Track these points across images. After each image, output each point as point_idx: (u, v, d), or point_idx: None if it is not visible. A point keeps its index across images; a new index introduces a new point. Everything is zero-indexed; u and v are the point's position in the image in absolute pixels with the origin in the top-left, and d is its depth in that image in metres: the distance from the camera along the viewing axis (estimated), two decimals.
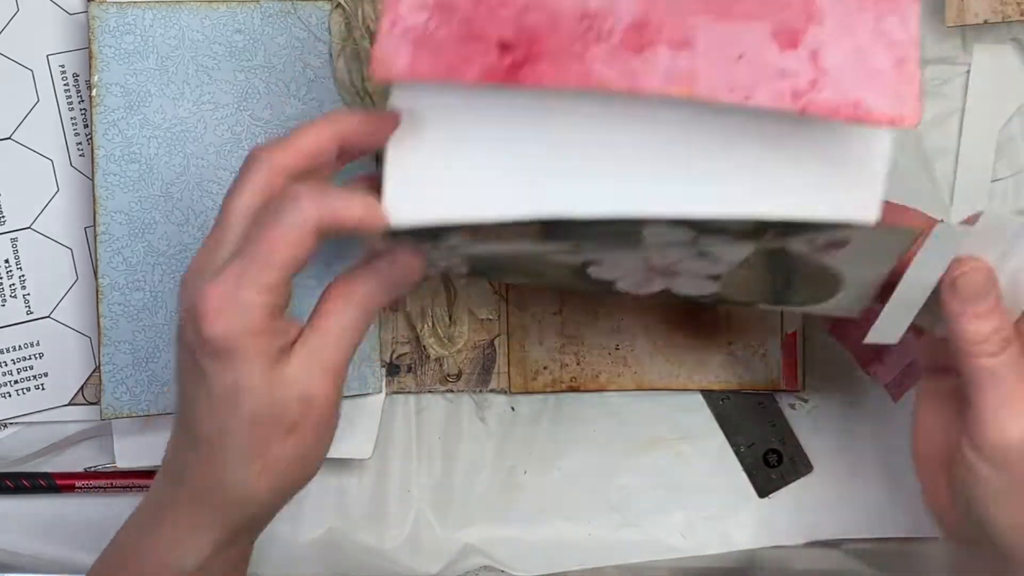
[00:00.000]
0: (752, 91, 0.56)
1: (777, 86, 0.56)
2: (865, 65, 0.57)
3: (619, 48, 0.56)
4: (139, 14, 0.78)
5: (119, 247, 0.78)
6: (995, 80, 0.81)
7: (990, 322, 0.62)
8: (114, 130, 0.78)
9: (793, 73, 0.56)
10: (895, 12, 0.57)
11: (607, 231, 0.59)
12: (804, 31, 0.57)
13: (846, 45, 0.57)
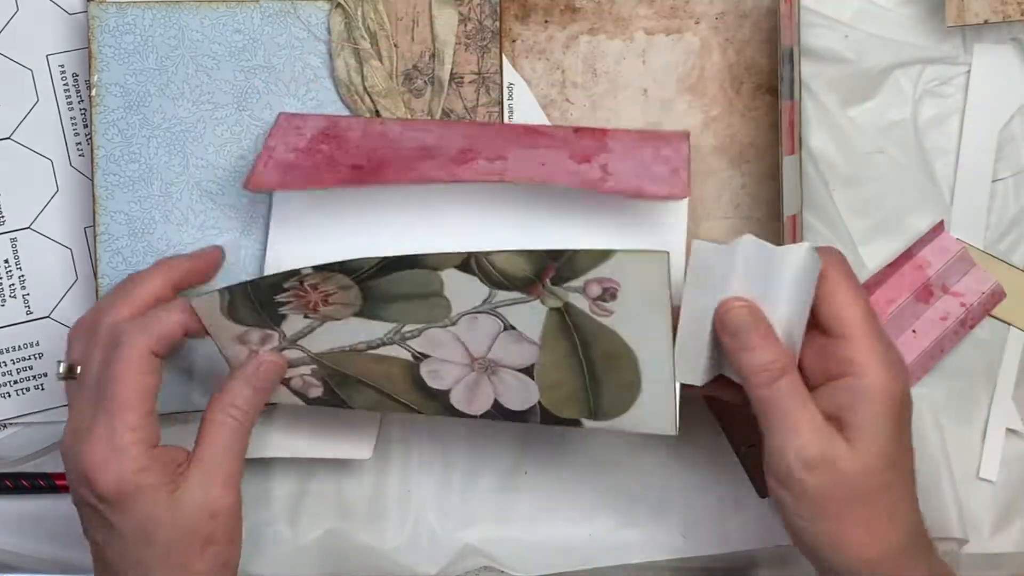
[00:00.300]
0: (549, 179, 0.69)
1: (573, 179, 0.69)
2: (647, 173, 0.71)
3: (447, 162, 0.71)
4: (139, 14, 0.78)
5: (119, 247, 0.78)
6: (995, 80, 0.81)
7: (761, 355, 0.65)
8: (114, 130, 0.78)
9: (587, 172, 0.70)
10: (668, 146, 0.72)
11: (413, 281, 0.68)
12: (597, 155, 0.71)
13: (631, 161, 0.71)
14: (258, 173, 0.74)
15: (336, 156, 0.74)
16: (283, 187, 0.74)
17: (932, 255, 0.80)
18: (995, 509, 0.81)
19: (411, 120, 0.75)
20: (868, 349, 0.65)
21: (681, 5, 0.79)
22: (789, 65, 0.75)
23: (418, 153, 0.72)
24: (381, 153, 0.73)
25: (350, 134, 0.75)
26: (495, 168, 0.70)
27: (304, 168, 0.74)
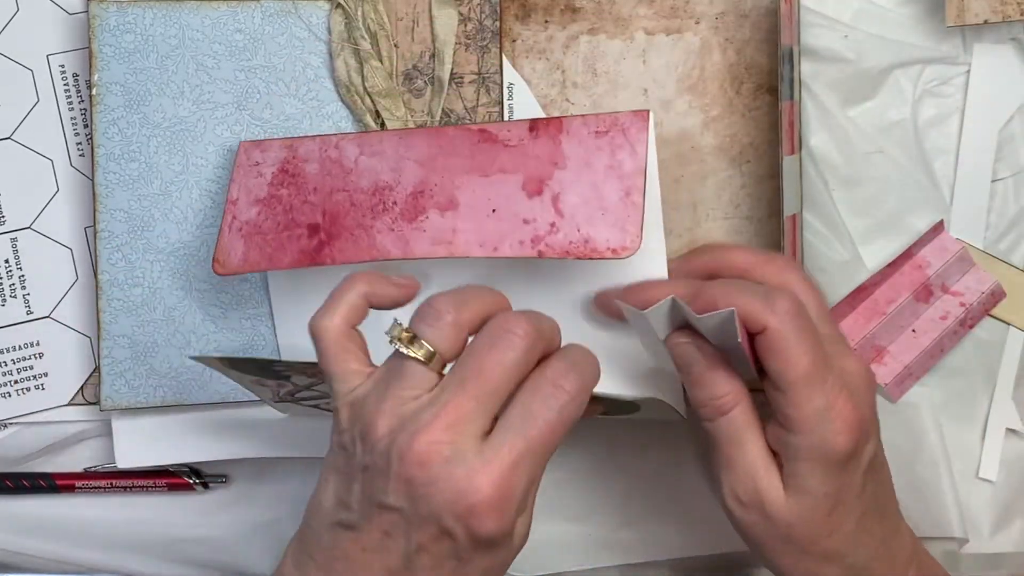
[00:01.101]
0: (499, 244, 0.68)
1: (520, 235, 0.68)
2: (597, 201, 0.68)
3: (399, 218, 0.70)
4: (139, 13, 0.78)
5: (119, 244, 0.78)
6: (995, 80, 0.81)
7: (705, 390, 0.66)
8: (114, 129, 0.78)
9: (535, 220, 0.68)
10: (625, 146, 0.69)
11: None
12: (550, 176, 0.69)
13: (584, 182, 0.69)
14: (222, 247, 0.74)
15: (294, 208, 0.73)
16: (248, 267, 0.73)
17: (932, 255, 0.80)
18: (995, 509, 0.81)
19: (367, 135, 0.74)
20: (803, 406, 0.64)
21: (681, 5, 0.79)
22: (789, 65, 0.75)
23: (372, 199, 0.72)
24: (336, 199, 0.72)
25: (308, 168, 0.74)
26: (446, 229, 0.69)
27: (265, 235, 0.73)
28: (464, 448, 0.60)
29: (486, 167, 0.70)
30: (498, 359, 0.61)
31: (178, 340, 0.78)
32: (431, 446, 0.59)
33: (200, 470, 0.83)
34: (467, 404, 0.60)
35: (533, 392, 0.61)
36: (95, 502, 0.84)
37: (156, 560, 0.85)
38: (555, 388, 0.61)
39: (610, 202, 0.68)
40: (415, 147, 0.72)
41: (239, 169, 0.76)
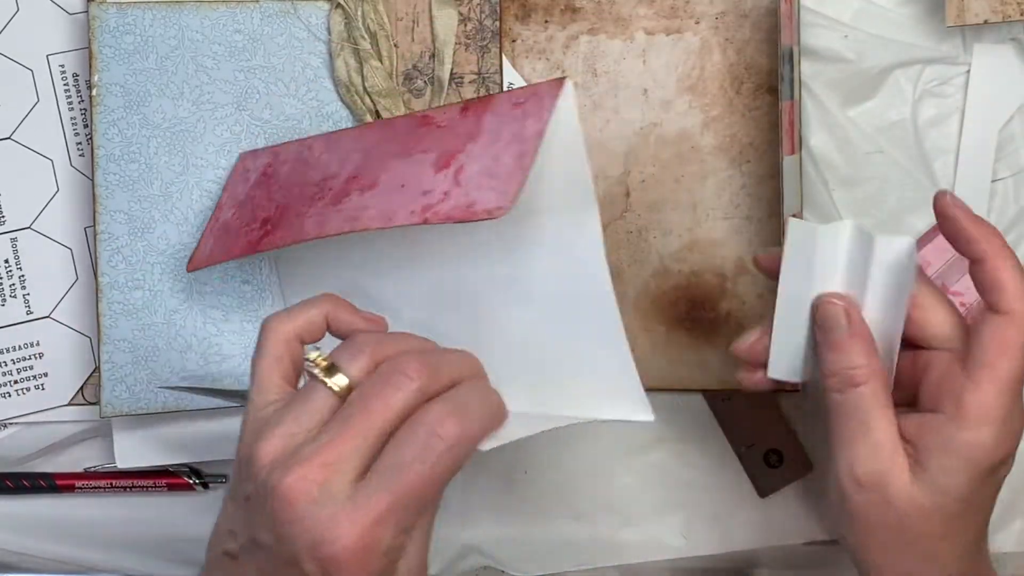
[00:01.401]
0: (393, 216, 0.67)
1: (413, 206, 0.66)
2: (494, 168, 0.65)
3: (328, 204, 0.70)
4: (139, 14, 0.78)
5: (119, 246, 0.78)
6: (995, 80, 0.81)
7: (845, 358, 0.63)
8: (114, 130, 0.78)
9: (432, 191, 0.66)
10: (535, 114, 0.65)
11: None
12: (461, 150, 0.67)
13: (489, 153, 0.66)
14: (199, 247, 0.76)
15: (259, 206, 0.74)
16: (209, 261, 0.74)
17: (932, 255, 0.80)
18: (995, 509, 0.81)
19: (335, 133, 0.75)
20: (989, 404, 0.61)
21: (681, 5, 0.79)
22: (789, 65, 0.75)
23: (315, 189, 0.72)
24: (292, 193, 0.73)
25: (282, 169, 0.75)
26: (359, 208, 0.69)
27: (231, 231, 0.74)
28: (335, 490, 0.56)
29: (411, 148, 0.70)
30: (384, 400, 0.58)
31: (179, 344, 0.78)
32: (301, 483, 0.56)
33: (200, 470, 0.83)
34: (347, 444, 0.57)
35: (406, 438, 0.57)
36: (95, 502, 0.84)
37: (156, 560, 0.85)
38: (429, 436, 0.57)
39: (503, 167, 0.65)
40: (366, 138, 0.72)
41: (232, 177, 0.77)
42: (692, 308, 0.80)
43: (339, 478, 0.56)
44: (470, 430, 0.58)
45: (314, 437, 0.58)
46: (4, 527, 0.84)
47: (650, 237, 0.80)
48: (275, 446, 0.58)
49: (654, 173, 0.80)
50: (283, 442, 0.58)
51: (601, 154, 0.80)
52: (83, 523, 0.84)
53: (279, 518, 0.56)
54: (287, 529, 0.56)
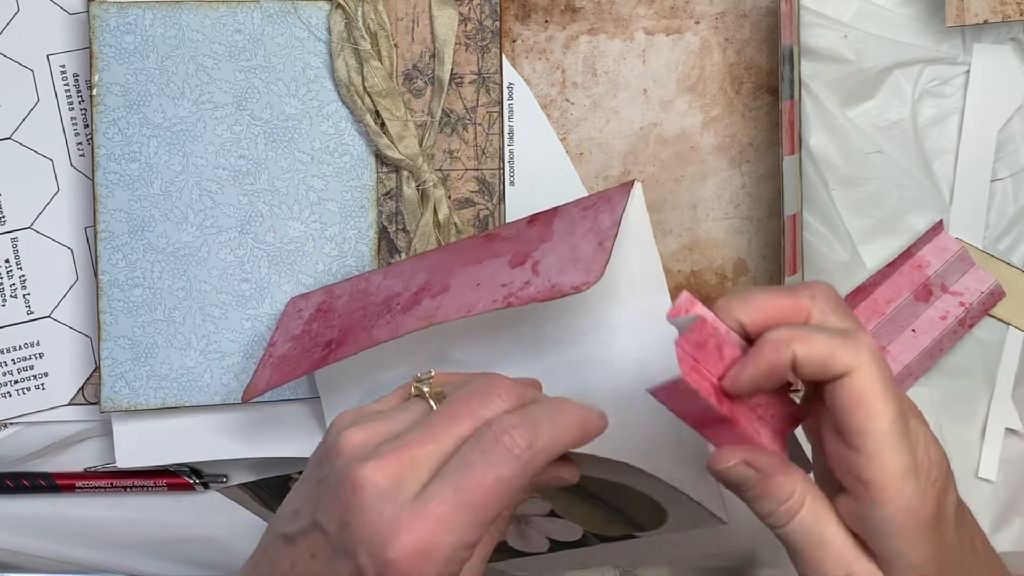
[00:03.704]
0: (474, 307, 0.68)
1: (495, 295, 0.68)
2: (572, 256, 0.68)
3: (397, 313, 0.71)
4: (139, 14, 0.78)
5: (119, 244, 0.78)
6: (994, 80, 0.81)
7: (769, 501, 0.59)
8: (114, 129, 0.78)
9: (512, 282, 0.68)
10: (607, 211, 0.69)
11: None
12: (535, 249, 0.70)
13: (564, 245, 0.68)
14: (253, 379, 0.76)
15: (318, 335, 0.75)
16: (268, 387, 0.74)
17: (931, 254, 0.80)
18: (994, 508, 0.81)
19: (392, 266, 0.76)
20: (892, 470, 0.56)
21: (681, 5, 0.79)
22: (789, 65, 0.75)
23: (381, 307, 0.73)
24: (354, 317, 0.73)
25: (338, 303, 0.76)
26: (432, 307, 0.70)
27: (290, 359, 0.75)
28: (405, 489, 0.56)
29: (482, 256, 0.71)
30: (471, 411, 0.58)
31: (179, 341, 0.78)
32: (375, 474, 0.56)
33: (200, 470, 0.83)
34: (425, 446, 0.57)
35: (474, 443, 0.57)
36: (95, 502, 0.84)
37: (156, 559, 0.85)
38: (496, 441, 0.57)
39: (583, 254, 0.67)
40: (428, 259, 0.74)
41: (284, 318, 0.78)
42: None
43: (412, 478, 0.56)
44: (539, 442, 0.57)
45: (398, 436, 0.58)
46: (4, 527, 0.84)
47: None
48: (360, 438, 0.58)
49: (654, 173, 0.80)
50: (369, 437, 0.59)
51: (601, 154, 0.80)
52: (83, 523, 0.84)
53: (346, 505, 0.57)
54: (349, 518, 0.56)
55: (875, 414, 0.55)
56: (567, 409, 0.60)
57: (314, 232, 0.79)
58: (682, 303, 0.57)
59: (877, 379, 0.55)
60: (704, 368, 0.58)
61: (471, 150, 0.80)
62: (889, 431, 0.55)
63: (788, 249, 0.75)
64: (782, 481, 0.58)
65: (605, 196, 0.70)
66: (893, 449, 0.56)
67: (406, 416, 0.60)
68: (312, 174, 0.79)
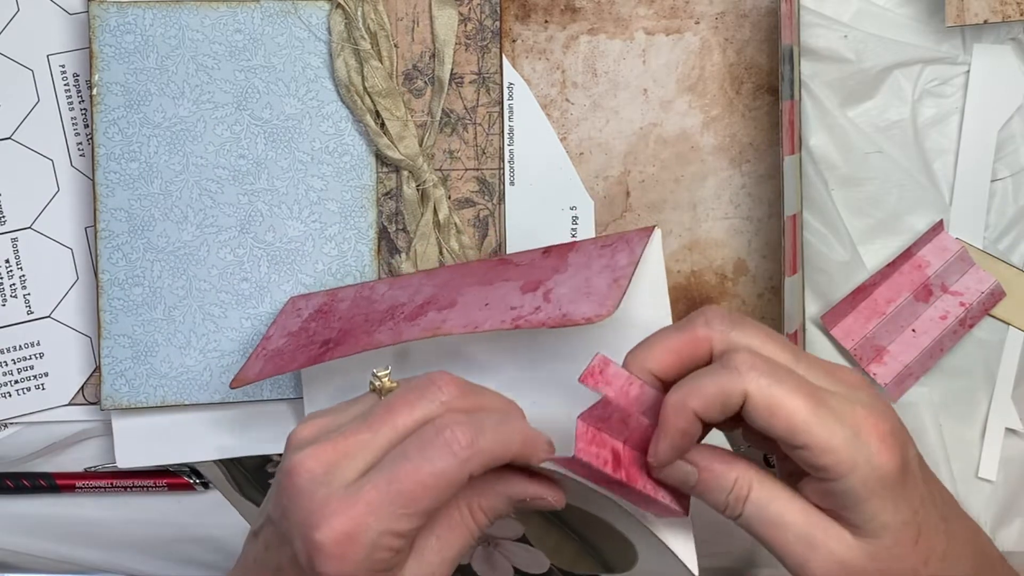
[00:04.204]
0: (481, 324, 0.68)
1: (503, 317, 0.68)
2: (586, 289, 0.68)
3: (400, 320, 0.71)
4: (139, 14, 0.78)
5: (119, 243, 0.78)
6: (994, 80, 0.81)
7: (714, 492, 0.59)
8: (114, 129, 0.78)
9: (521, 307, 0.68)
10: (625, 251, 0.69)
11: None
12: (548, 278, 0.70)
13: (579, 278, 0.69)
14: (244, 368, 0.76)
15: (316, 334, 0.75)
16: (260, 377, 0.74)
17: (931, 254, 0.80)
18: (994, 508, 0.81)
19: (399, 277, 0.76)
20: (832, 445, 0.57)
21: (681, 5, 0.79)
22: (789, 65, 0.76)
23: (384, 315, 0.73)
24: (355, 321, 0.74)
25: (340, 306, 0.76)
26: (437, 319, 0.70)
27: (285, 353, 0.75)
28: (339, 476, 0.57)
29: (493, 279, 0.72)
30: (409, 404, 0.59)
31: (178, 340, 0.78)
32: (309, 460, 0.57)
33: (200, 470, 0.83)
34: (361, 435, 0.58)
35: (415, 436, 0.57)
36: (96, 502, 0.84)
37: (156, 559, 0.85)
38: (435, 435, 0.57)
39: (597, 288, 0.67)
40: (436, 277, 0.74)
41: (282, 315, 0.78)
42: (692, 308, 0.80)
43: (347, 466, 0.57)
44: (481, 444, 0.57)
45: (339, 427, 0.59)
46: (4, 527, 0.84)
47: None
48: (309, 431, 0.59)
49: (654, 173, 0.80)
50: (314, 429, 0.59)
51: (601, 154, 0.80)
52: (84, 523, 0.84)
53: (284, 492, 0.58)
54: (287, 503, 0.57)
55: (788, 413, 0.56)
56: (515, 422, 0.60)
57: (314, 232, 0.79)
58: (594, 367, 0.59)
59: (770, 385, 0.56)
60: (607, 435, 0.60)
61: (471, 150, 0.80)
62: (809, 420, 0.56)
63: (788, 249, 0.75)
64: (721, 469, 0.59)
65: (624, 237, 0.70)
66: (824, 431, 0.56)
67: (354, 408, 0.61)
68: (312, 174, 0.79)
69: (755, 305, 0.79)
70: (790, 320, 0.76)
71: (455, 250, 0.79)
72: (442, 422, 0.57)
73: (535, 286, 0.69)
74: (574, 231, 0.80)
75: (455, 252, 0.79)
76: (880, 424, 0.58)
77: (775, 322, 0.79)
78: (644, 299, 0.69)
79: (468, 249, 0.79)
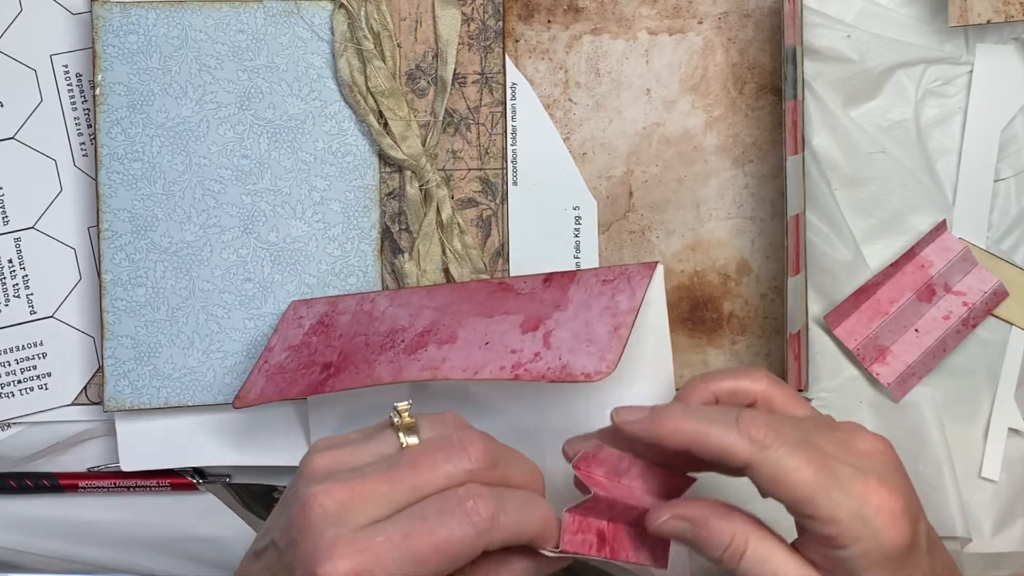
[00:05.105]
0: (480, 370, 0.68)
1: (503, 362, 0.68)
2: (586, 335, 0.67)
3: (401, 353, 0.71)
4: (142, 14, 0.78)
5: (122, 244, 0.78)
6: (997, 80, 0.81)
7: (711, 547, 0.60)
8: (117, 129, 0.78)
9: (521, 351, 0.68)
10: (626, 290, 0.69)
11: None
12: (549, 316, 0.69)
13: (579, 321, 0.68)
14: (247, 385, 0.75)
15: (317, 351, 0.74)
16: (261, 399, 0.74)
17: (934, 254, 0.80)
18: (997, 508, 0.81)
19: (401, 291, 0.75)
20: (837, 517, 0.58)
21: (684, 5, 0.79)
22: (793, 65, 0.75)
23: (384, 340, 0.73)
24: (356, 342, 0.73)
25: (341, 319, 0.76)
26: (437, 357, 0.69)
27: (286, 373, 0.74)
28: (350, 518, 0.57)
29: (493, 310, 0.71)
30: (434, 464, 0.58)
31: (182, 340, 0.78)
32: (323, 496, 0.57)
33: (203, 470, 0.83)
34: (380, 485, 0.58)
35: (438, 498, 0.57)
36: (98, 502, 0.84)
37: (159, 559, 0.85)
38: (458, 504, 0.57)
39: (598, 336, 0.68)
40: (437, 297, 0.74)
41: (283, 323, 0.77)
42: (695, 308, 0.80)
43: (361, 510, 0.57)
44: (501, 521, 0.58)
45: (359, 468, 0.59)
46: (8, 527, 0.84)
47: (653, 237, 0.80)
48: (325, 463, 0.59)
49: (657, 173, 0.80)
50: (333, 462, 0.59)
51: (604, 154, 0.80)
52: (86, 523, 0.84)
53: (293, 523, 0.57)
54: (297, 535, 0.57)
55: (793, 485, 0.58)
56: (539, 505, 0.60)
57: (317, 232, 0.79)
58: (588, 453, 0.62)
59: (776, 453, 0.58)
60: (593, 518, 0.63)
61: (474, 150, 0.80)
62: (818, 489, 0.57)
63: (791, 249, 0.75)
64: (719, 525, 0.60)
65: (625, 273, 0.70)
66: (829, 503, 0.57)
67: (372, 447, 0.60)
68: (315, 174, 0.79)
69: (758, 305, 0.79)
70: (793, 320, 0.76)
71: (458, 250, 0.79)
72: (466, 492, 0.57)
73: (535, 324, 0.69)
74: (577, 231, 0.80)
75: (458, 252, 0.79)
76: (891, 500, 0.58)
77: (778, 322, 0.79)
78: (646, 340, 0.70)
79: (471, 249, 0.79)
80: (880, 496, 0.58)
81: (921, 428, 0.80)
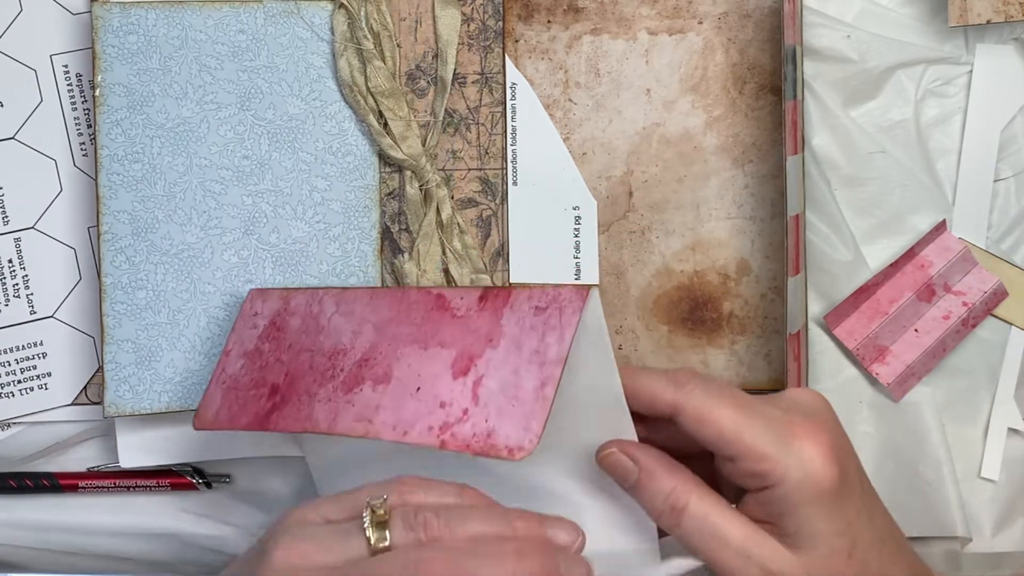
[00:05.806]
0: (410, 429, 0.66)
1: (431, 420, 0.66)
2: (514, 389, 0.64)
3: (339, 388, 0.70)
4: (142, 14, 0.78)
5: (122, 246, 0.78)
6: (997, 80, 0.81)
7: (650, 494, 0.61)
8: (117, 130, 0.78)
9: (451, 404, 0.66)
10: (556, 329, 0.64)
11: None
12: (480, 355, 0.67)
13: (508, 365, 0.65)
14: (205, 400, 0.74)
15: (268, 365, 0.73)
16: (215, 425, 0.73)
17: (934, 254, 0.81)
18: (997, 508, 0.81)
19: (346, 292, 0.73)
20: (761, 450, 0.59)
21: (684, 5, 0.79)
22: (792, 65, 0.76)
23: (327, 363, 0.71)
24: (302, 360, 0.72)
25: (292, 322, 0.74)
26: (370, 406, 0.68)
27: (239, 390, 0.73)
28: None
29: (428, 338, 0.69)
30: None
31: (183, 344, 0.78)
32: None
33: (203, 469, 0.83)
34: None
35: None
36: (98, 502, 0.84)
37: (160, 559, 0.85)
38: None
39: (524, 392, 0.64)
40: (378, 310, 0.72)
41: (241, 319, 0.76)
42: (694, 308, 0.80)
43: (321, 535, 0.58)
44: None
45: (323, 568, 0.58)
46: (7, 527, 0.84)
47: (652, 237, 0.80)
48: (289, 557, 0.59)
49: (657, 173, 0.80)
50: (298, 558, 0.59)
51: (604, 154, 0.80)
52: (86, 523, 0.84)
53: None
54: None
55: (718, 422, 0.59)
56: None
57: (318, 232, 0.79)
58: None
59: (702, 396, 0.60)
60: None
61: (474, 150, 0.80)
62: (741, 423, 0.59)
63: (791, 249, 0.75)
64: (661, 473, 0.61)
65: (558, 303, 0.66)
66: (753, 437, 0.59)
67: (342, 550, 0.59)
68: (316, 174, 0.79)
69: (758, 305, 0.80)
70: (793, 320, 0.77)
71: (458, 250, 0.79)
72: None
73: (466, 367, 0.67)
74: (577, 231, 0.80)
75: (458, 252, 0.79)
76: (818, 434, 0.59)
77: (778, 322, 0.79)
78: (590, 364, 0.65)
79: (471, 249, 0.80)
80: (804, 430, 0.60)
81: (921, 428, 0.80)
